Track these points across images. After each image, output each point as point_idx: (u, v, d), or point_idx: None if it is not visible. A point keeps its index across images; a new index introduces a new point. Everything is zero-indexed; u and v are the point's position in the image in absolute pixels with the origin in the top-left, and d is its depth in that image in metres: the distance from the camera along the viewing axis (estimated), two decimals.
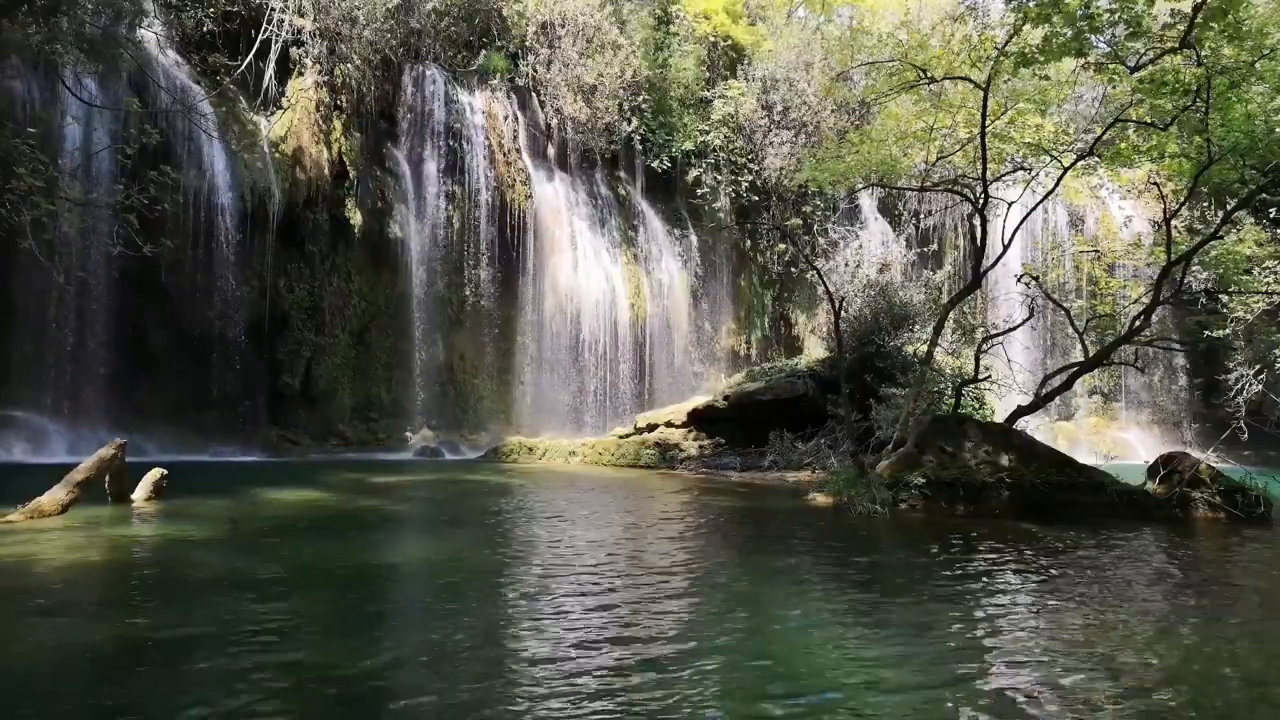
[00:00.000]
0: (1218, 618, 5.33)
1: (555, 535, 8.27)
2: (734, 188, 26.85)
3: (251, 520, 8.64)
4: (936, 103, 13.86)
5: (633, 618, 4.93)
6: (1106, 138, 12.69)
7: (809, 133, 26.57)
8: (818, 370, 18.32)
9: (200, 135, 17.78)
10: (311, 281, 20.31)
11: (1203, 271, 15.93)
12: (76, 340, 16.97)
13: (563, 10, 24.67)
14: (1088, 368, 13.16)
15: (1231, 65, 10.36)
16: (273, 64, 20.14)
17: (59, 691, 3.68)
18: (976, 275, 13.56)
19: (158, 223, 14.04)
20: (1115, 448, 23.28)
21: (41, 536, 7.04)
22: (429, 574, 6.43)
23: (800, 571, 6.69)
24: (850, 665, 4.15)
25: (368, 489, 11.95)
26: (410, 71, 22.72)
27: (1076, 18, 10.12)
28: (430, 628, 4.78)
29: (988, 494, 10.09)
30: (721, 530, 9.10)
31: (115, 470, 8.86)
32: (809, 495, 11.28)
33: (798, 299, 28.33)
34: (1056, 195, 17.20)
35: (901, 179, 16.29)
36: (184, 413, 17.95)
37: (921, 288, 20.33)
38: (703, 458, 16.88)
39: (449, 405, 22.32)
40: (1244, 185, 11.96)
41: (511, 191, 23.30)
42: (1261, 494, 9.96)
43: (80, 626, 4.65)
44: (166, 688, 3.64)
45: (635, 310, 24.95)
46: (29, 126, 12.77)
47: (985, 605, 5.60)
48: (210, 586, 5.64)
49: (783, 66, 27.07)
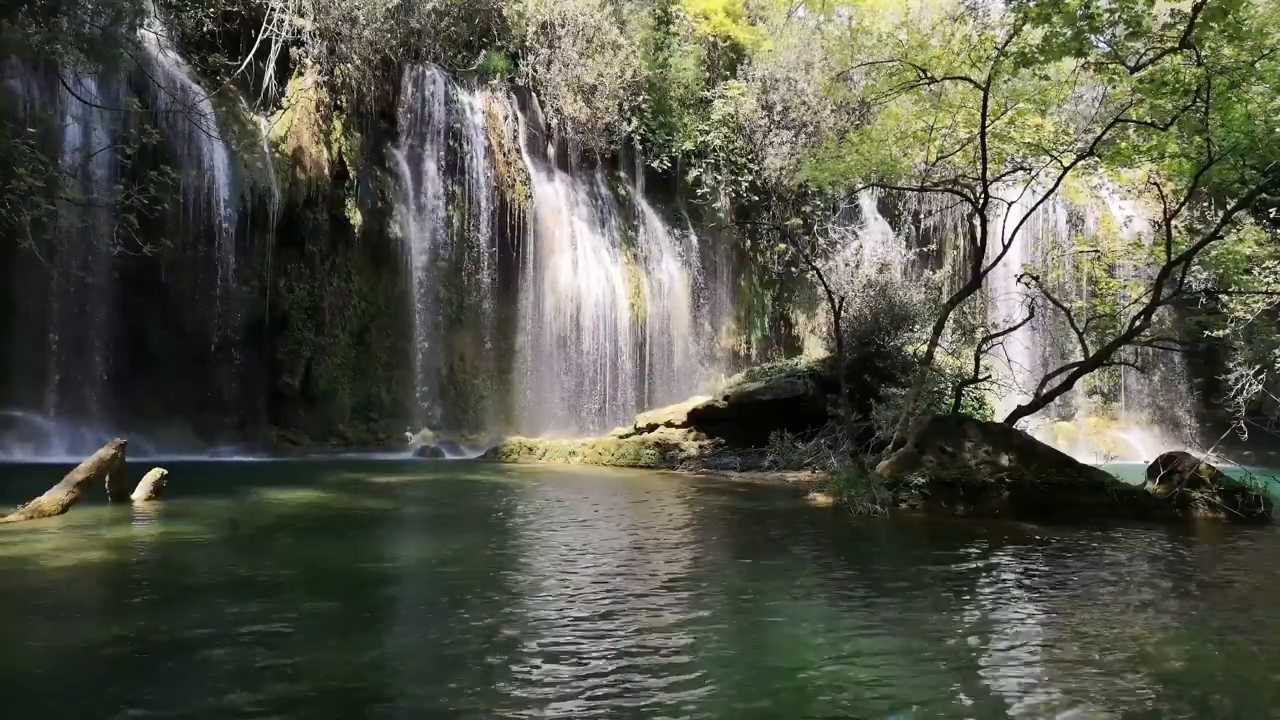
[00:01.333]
0: (1218, 618, 5.32)
1: (555, 535, 8.27)
2: (734, 188, 26.85)
3: (251, 520, 8.64)
4: (936, 103, 13.86)
5: (633, 618, 4.93)
6: (1106, 138, 12.69)
7: (809, 133, 26.55)
8: (818, 370, 18.31)
9: (200, 135, 17.77)
10: (311, 281, 20.31)
11: (1203, 271, 15.93)
12: (76, 340, 16.96)
13: (563, 10, 24.67)
14: (1088, 368, 13.15)
15: (1231, 65, 10.36)
16: (273, 64, 20.14)
17: (58, 692, 3.68)
18: (976, 275, 13.56)
19: (158, 223, 14.02)
20: (1115, 448, 23.28)
21: (41, 536, 7.04)
22: (429, 574, 6.43)
23: (800, 572, 6.68)
24: (850, 665, 4.15)
25: (368, 489, 11.94)
26: (410, 71, 22.72)
27: (1076, 18, 10.12)
28: (430, 628, 4.78)
29: (988, 494, 10.09)
30: (721, 530, 9.10)
31: (115, 470, 8.86)
32: (809, 495, 11.28)
33: (798, 299, 28.32)
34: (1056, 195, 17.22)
35: (901, 179, 16.29)
36: (184, 413, 17.94)
37: (921, 288, 20.33)
38: (703, 458, 16.87)
39: (449, 405, 22.31)
40: (1244, 185, 11.97)
41: (511, 191, 23.31)
42: (1261, 494, 9.96)
43: (80, 627, 4.65)
44: (166, 688, 3.64)
45: (635, 310, 24.95)
46: (29, 126, 12.77)
47: (985, 606, 5.60)
48: (210, 587, 5.64)
49: (783, 66, 27.06)
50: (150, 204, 12.70)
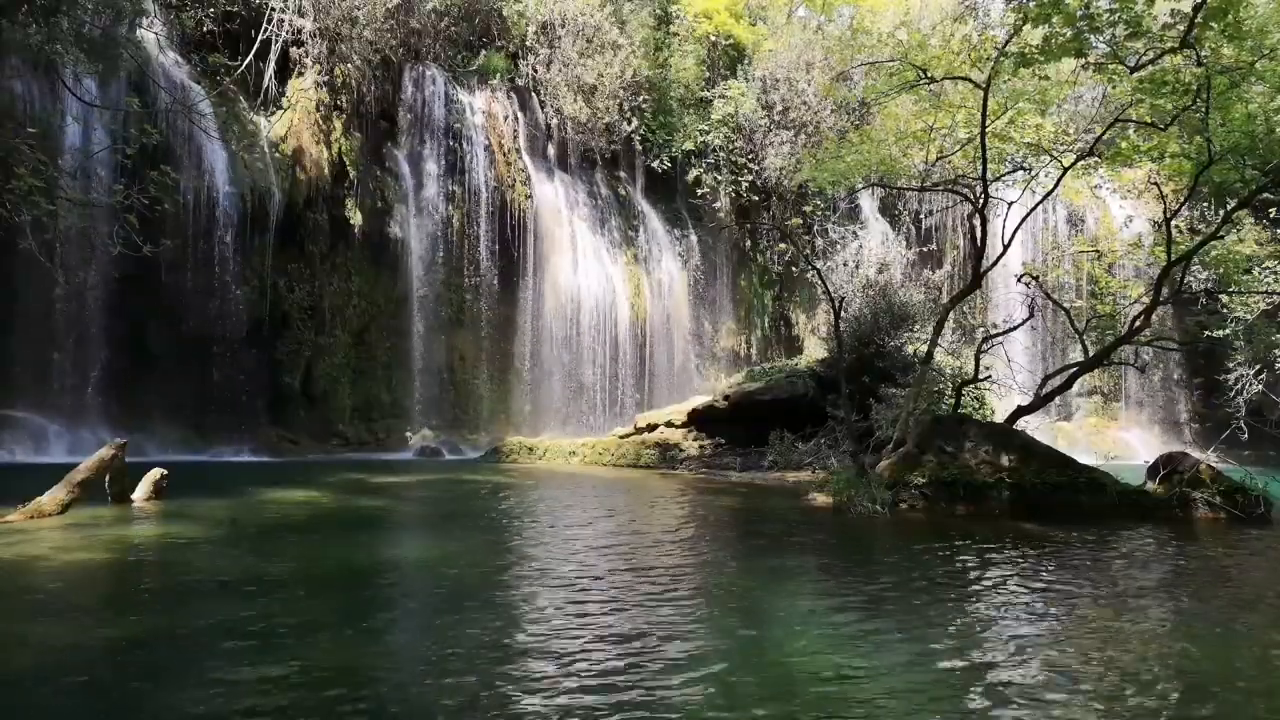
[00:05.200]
0: (1219, 618, 5.32)
1: (555, 535, 8.27)
2: (734, 188, 26.84)
3: (251, 520, 8.64)
4: (936, 103, 13.85)
5: (633, 617, 4.93)
6: (1106, 138, 12.68)
7: (809, 133, 26.54)
8: (818, 370, 18.30)
9: (200, 135, 17.75)
10: (311, 281, 20.30)
11: (1203, 271, 15.92)
12: (77, 340, 16.95)
13: (563, 10, 24.65)
14: (1088, 368, 13.15)
15: (1231, 65, 10.35)
16: (273, 64, 20.13)
17: (58, 692, 3.68)
18: (976, 275, 13.55)
19: (158, 223, 14.01)
20: (1115, 448, 23.27)
21: (41, 536, 7.04)
22: (429, 574, 6.43)
23: (800, 572, 6.68)
24: (850, 665, 4.15)
25: (368, 489, 11.94)
26: (410, 71, 22.71)
27: (1076, 18, 10.11)
28: (430, 628, 4.78)
29: (988, 494, 10.08)
30: (721, 530, 9.10)
31: (115, 470, 8.86)
32: (809, 495, 11.27)
33: (798, 299, 28.32)
34: (1056, 195, 17.19)
35: (901, 179, 16.27)
36: (184, 413, 17.93)
37: (921, 288, 20.31)
38: (703, 458, 16.87)
39: (449, 405, 22.30)
40: (1244, 185, 11.95)
41: (511, 191, 23.30)
42: (1261, 494, 9.96)
43: (80, 626, 4.65)
44: (166, 688, 3.64)
45: (635, 310, 24.94)
46: (29, 126, 12.76)
47: (985, 606, 5.60)
48: (210, 586, 5.64)
49: (783, 66, 27.05)
50: (150, 204, 12.68)
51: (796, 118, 26.78)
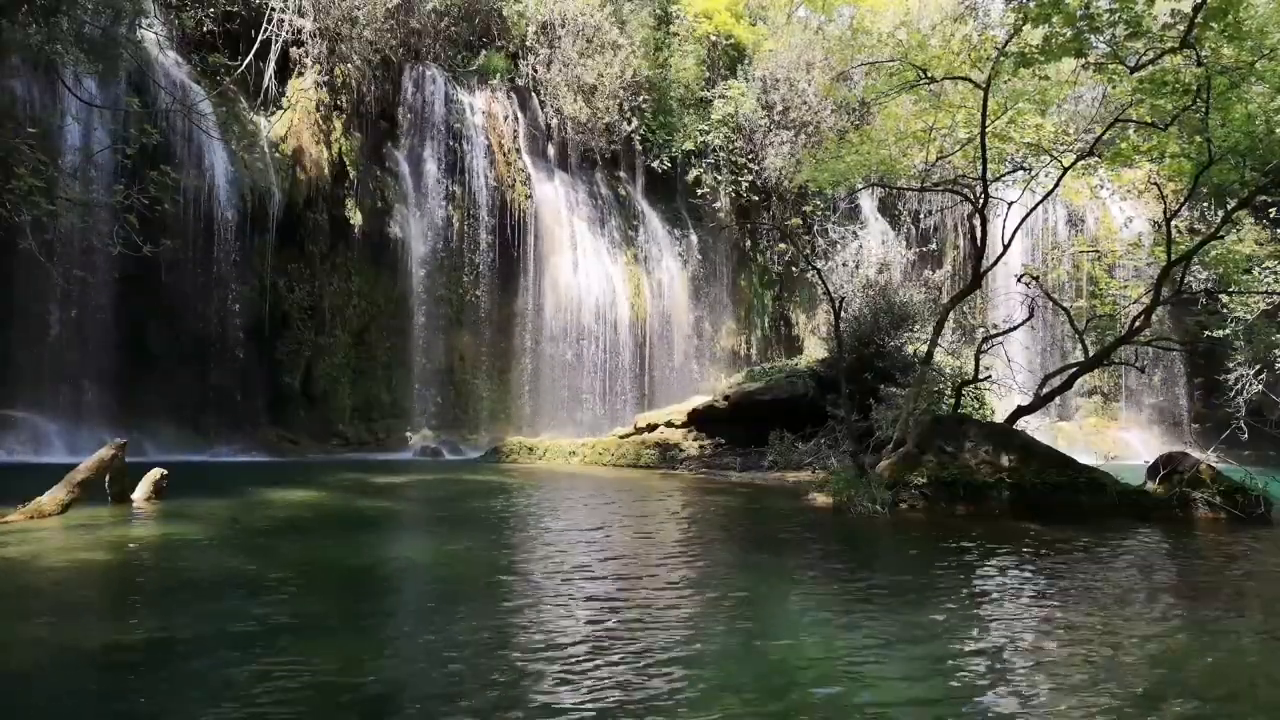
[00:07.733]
0: (1219, 619, 5.32)
1: (555, 536, 8.27)
2: (734, 188, 26.84)
3: (251, 520, 8.64)
4: (936, 103, 13.83)
5: (633, 617, 4.93)
6: (1106, 138, 12.67)
7: (809, 133, 26.54)
8: (818, 370, 18.29)
9: (200, 135, 17.76)
10: (311, 281, 20.30)
11: (1203, 271, 15.90)
12: (76, 340, 16.95)
13: (563, 10, 24.65)
14: (1088, 368, 13.14)
15: (1231, 65, 10.34)
16: (273, 64, 20.13)
17: (58, 692, 3.68)
18: (976, 275, 13.55)
19: (158, 223, 13.99)
20: (1115, 448, 23.28)
21: (41, 536, 7.04)
22: (429, 575, 6.43)
23: (800, 572, 6.68)
24: (850, 665, 4.15)
25: (368, 489, 11.94)
26: (410, 71, 22.71)
27: (1076, 18, 10.10)
28: (430, 628, 4.78)
29: (988, 494, 10.08)
30: (721, 530, 9.09)
31: (115, 470, 8.85)
32: (809, 495, 11.27)
33: (798, 299, 28.33)
34: (1056, 195, 17.17)
35: (901, 179, 16.26)
36: (184, 413, 17.93)
37: (921, 288, 20.32)
38: (703, 458, 16.87)
39: (449, 405, 22.30)
40: (1244, 185, 11.95)
41: (511, 191, 23.31)
42: (1262, 494, 9.95)
43: (80, 627, 4.65)
44: (166, 689, 3.64)
45: (635, 310, 24.94)
46: (29, 126, 12.75)
47: (986, 606, 5.60)
48: (210, 587, 5.64)
49: (783, 66, 27.04)
50: (150, 204, 12.68)
51: (796, 118, 26.78)
